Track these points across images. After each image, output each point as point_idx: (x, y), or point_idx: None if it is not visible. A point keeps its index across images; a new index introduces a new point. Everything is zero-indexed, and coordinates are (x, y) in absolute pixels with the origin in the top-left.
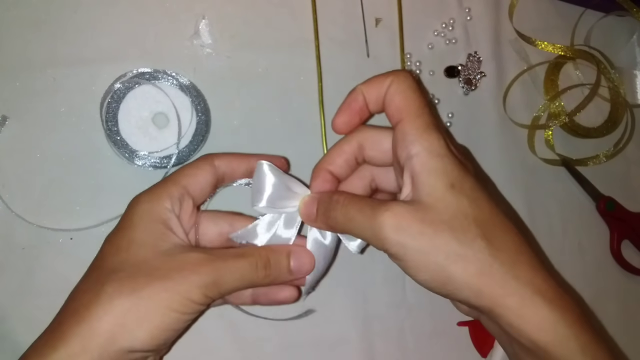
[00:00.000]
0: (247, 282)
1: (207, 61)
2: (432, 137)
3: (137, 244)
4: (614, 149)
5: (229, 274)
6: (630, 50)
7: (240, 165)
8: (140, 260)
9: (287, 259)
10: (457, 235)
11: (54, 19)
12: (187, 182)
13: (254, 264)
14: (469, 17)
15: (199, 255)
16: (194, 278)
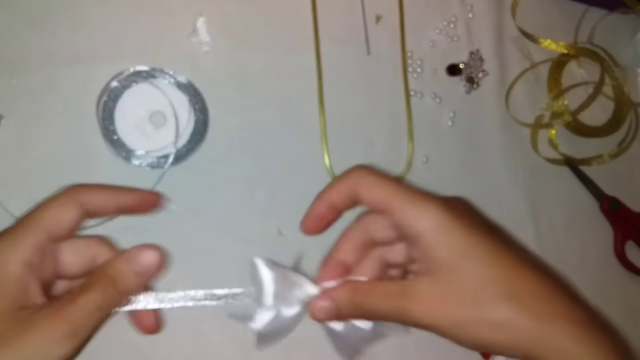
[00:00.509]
0: (107, 309)
1: (206, 60)
2: (430, 211)
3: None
4: (618, 148)
5: (84, 313)
6: (634, 49)
7: (108, 201)
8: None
9: (128, 265)
10: (485, 304)
11: (51, 17)
12: (50, 226)
13: (102, 289)
14: (472, 15)
15: (47, 311)
16: (47, 339)
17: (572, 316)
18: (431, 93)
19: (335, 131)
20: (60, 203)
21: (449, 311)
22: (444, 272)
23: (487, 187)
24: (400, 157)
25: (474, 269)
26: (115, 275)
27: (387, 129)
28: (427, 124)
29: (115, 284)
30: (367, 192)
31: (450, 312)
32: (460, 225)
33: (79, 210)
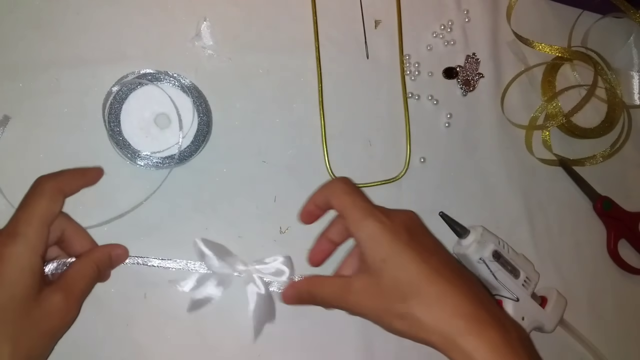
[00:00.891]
0: (92, 284)
1: (209, 62)
2: (368, 224)
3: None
4: (610, 149)
5: (82, 286)
6: (627, 52)
7: (77, 183)
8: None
9: (108, 255)
10: (395, 300)
11: (57, 20)
12: (47, 217)
13: (95, 269)
14: (468, 19)
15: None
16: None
17: (467, 313)
18: (428, 95)
19: (335, 132)
20: (49, 195)
21: (372, 303)
22: (372, 273)
23: (482, 186)
24: (398, 158)
25: (391, 273)
26: (103, 261)
27: (385, 130)
28: (424, 126)
29: (100, 267)
30: (335, 201)
31: (373, 304)
32: (388, 238)
33: (63, 197)
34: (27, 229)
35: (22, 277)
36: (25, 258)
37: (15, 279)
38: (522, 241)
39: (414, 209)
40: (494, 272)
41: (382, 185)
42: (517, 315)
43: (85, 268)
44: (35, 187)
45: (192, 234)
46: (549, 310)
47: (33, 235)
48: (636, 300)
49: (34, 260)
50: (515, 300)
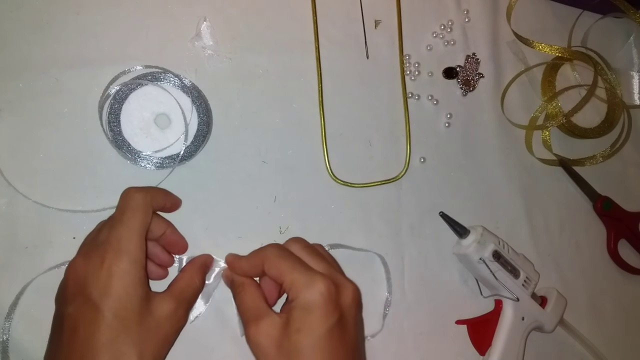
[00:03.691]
0: (198, 292)
1: (209, 62)
2: (311, 291)
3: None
4: (610, 149)
5: (190, 294)
6: (627, 52)
7: (165, 202)
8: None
9: (208, 264)
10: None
11: (57, 20)
12: (143, 231)
13: (200, 278)
14: (467, 19)
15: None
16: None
17: None
18: (428, 95)
19: (335, 132)
20: (143, 210)
21: (263, 351)
22: (283, 330)
23: (482, 187)
24: (398, 158)
25: (296, 345)
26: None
27: (385, 130)
28: (424, 126)
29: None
30: (269, 267)
31: (263, 352)
32: (318, 315)
33: (152, 210)
34: (130, 246)
35: (134, 290)
36: (133, 273)
37: (129, 292)
38: (522, 241)
39: (414, 208)
40: (494, 272)
41: (382, 185)
42: (517, 315)
43: (192, 278)
44: (128, 202)
45: (192, 234)
46: (549, 310)
47: (136, 250)
48: (636, 300)
49: (140, 273)
50: (515, 300)
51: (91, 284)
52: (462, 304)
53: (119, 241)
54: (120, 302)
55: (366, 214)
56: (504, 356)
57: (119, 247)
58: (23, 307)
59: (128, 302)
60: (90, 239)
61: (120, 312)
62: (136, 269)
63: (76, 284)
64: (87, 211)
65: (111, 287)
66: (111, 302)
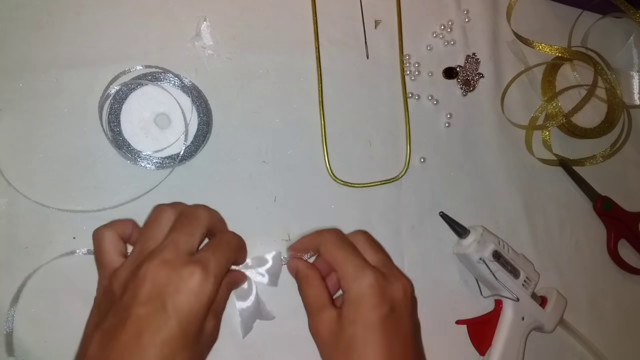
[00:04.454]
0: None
1: (209, 62)
2: (358, 283)
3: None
4: (610, 149)
5: (223, 309)
6: (627, 52)
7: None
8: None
9: (237, 281)
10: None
11: (57, 20)
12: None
13: (229, 293)
14: (468, 19)
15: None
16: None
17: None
18: (428, 95)
19: (335, 132)
20: (232, 255)
21: (323, 341)
22: (340, 322)
23: (482, 187)
24: (398, 158)
25: (351, 337)
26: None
27: (386, 130)
28: (424, 126)
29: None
30: (327, 253)
31: (324, 342)
32: (369, 305)
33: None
34: (218, 272)
35: (205, 311)
36: (211, 296)
37: (201, 313)
38: (522, 241)
39: (414, 208)
40: (494, 272)
41: (382, 185)
42: (517, 315)
43: (226, 292)
44: (231, 240)
45: None
46: (549, 310)
47: (221, 276)
48: (636, 300)
49: (214, 295)
50: (515, 300)
51: (171, 293)
52: (462, 304)
53: (207, 262)
54: (190, 320)
55: (366, 214)
56: (504, 356)
57: (210, 268)
58: (25, 308)
59: (197, 321)
60: (172, 240)
61: (187, 329)
62: (215, 292)
63: (155, 288)
64: (87, 211)
65: (189, 304)
66: (184, 318)
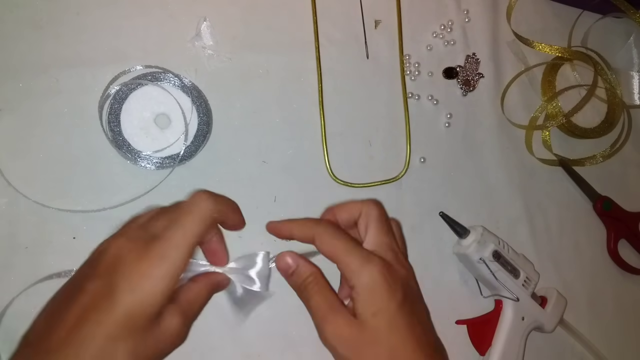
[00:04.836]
0: (202, 308)
1: (209, 62)
2: (365, 273)
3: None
4: (610, 149)
5: (197, 310)
6: (627, 52)
7: (229, 215)
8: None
9: (219, 282)
10: (368, 354)
11: (57, 20)
12: (192, 244)
13: (209, 295)
14: (468, 19)
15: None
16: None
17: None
18: (428, 95)
19: (335, 132)
20: (207, 223)
21: (344, 344)
22: (358, 320)
23: (482, 187)
24: (398, 158)
25: (377, 329)
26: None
27: (386, 130)
28: (424, 125)
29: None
30: (323, 246)
31: (345, 345)
32: (385, 293)
33: (216, 225)
34: (178, 255)
35: (156, 298)
36: (167, 282)
37: (152, 301)
38: (522, 241)
39: (414, 209)
40: (494, 272)
41: (382, 185)
42: (517, 315)
43: (203, 293)
44: (196, 207)
45: None
46: (549, 310)
47: (180, 261)
48: (636, 300)
49: (171, 284)
50: (515, 300)
51: (124, 272)
52: (462, 304)
53: (169, 245)
54: (140, 305)
55: None
56: (504, 356)
57: (167, 251)
58: (25, 308)
59: (146, 309)
60: (143, 223)
61: (134, 315)
62: (169, 280)
63: (112, 263)
64: (87, 211)
65: (141, 287)
66: (131, 302)
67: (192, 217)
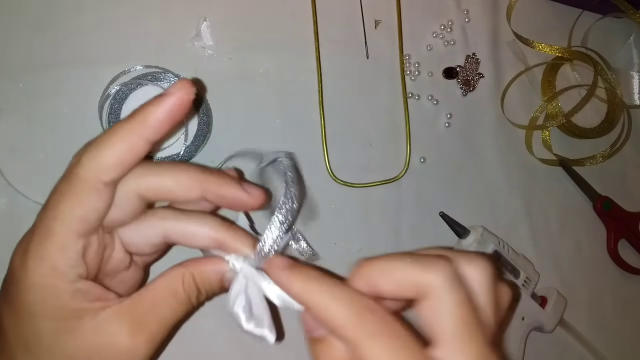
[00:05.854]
0: (180, 308)
1: (209, 62)
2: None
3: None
4: (610, 149)
5: (148, 305)
6: (627, 52)
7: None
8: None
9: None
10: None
11: (57, 20)
12: (78, 223)
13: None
14: (467, 19)
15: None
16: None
17: None
18: (428, 95)
19: (335, 132)
20: (99, 188)
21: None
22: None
23: (482, 187)
24: (398, 158)
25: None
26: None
27: (385, 130)
28: (424, 125)
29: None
30: (432, 305)
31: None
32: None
33: (110, 196)
34: (61, 228)
35: (49, 296)
36: (57, 267)
37: (48, 295)
38: (522, 241)
39: (414, 208)
40: None
41: (382, 185)
42: (517, 315)
43: (171, 292)
44: (83, 159)
45: None
46: (549, 310)
47: (67, 237)
48: (636, 300)
49: (60, 295)
50: None
51: (12, 274)
52: None
53: (48, 222)
54: (31, 305)
55: (366, 214)
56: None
57: (46, 230)
58: None
59: (39, 308)
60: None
61: (23, 323)
62: (62, 261)
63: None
64: None
65: (22, 284)
66: (24, 302)
67: (74, 183)
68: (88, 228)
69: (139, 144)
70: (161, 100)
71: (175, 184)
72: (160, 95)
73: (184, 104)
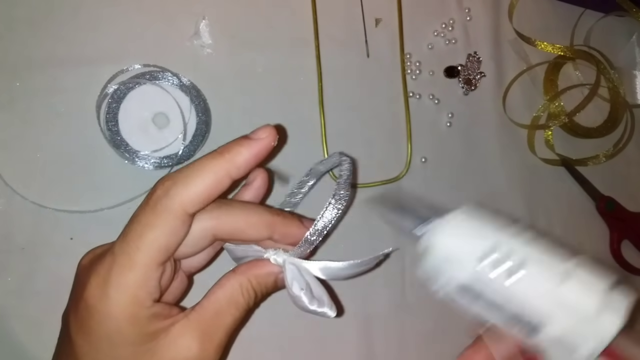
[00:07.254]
0: (241, 315)
1: (207, 61)
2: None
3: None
4: (613, 149)
5: (223, 328)
6: (629, 51)
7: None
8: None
9: (271, 276)
10: None
11: (55, 18)
12: (158, 254)
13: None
14: (469, 18)
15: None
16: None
17: None
18: (429, 94)
19: (335, 132)
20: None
21: None
22: None
23: (484, 187)
24: (399, 158)
25: None
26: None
27: (386, 129)
28: (425, 125)
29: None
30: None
31: None
32: None
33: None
34: (144, 259)
35: (133, 311)
36: (140, 284)
37: (124, 315)
38: None
39: None
40: None
41: (383, 185)
42: None
43: (235, 301)
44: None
45: None
46: None
47: (150, 267)
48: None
49: (150, 287)
50: None
51: (90, 306)
52: None
53: (129, 254)
54: (108, 329)
55: (366, 214)
56: None
57: (126, 259)
58: (22, 309)
59: (118, 331)
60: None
61: (101, 345)
62: (144, 281)
63: (76, 288)
64: (85, 211)
65: (101, 310)
66: (100, 328)
67: (160, 216)
68: (168, 257)
69: (225, 180)
70: (250, 143)
71: (247, 227)
72: (247, 137)
73: (268, 149)
